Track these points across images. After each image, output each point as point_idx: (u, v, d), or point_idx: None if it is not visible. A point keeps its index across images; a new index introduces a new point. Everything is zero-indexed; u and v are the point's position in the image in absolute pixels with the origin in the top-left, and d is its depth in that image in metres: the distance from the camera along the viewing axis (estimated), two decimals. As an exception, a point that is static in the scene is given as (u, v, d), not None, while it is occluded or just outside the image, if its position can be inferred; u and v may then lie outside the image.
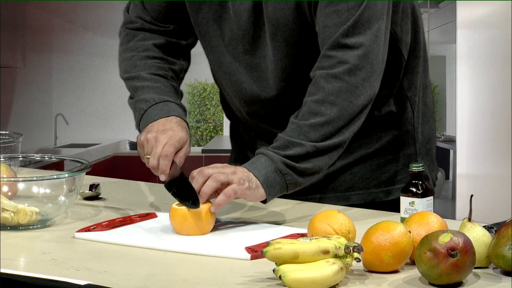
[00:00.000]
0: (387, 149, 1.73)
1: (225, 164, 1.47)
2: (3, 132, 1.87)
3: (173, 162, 1.50)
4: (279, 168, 1.46)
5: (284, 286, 1.10)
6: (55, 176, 1.50)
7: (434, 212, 1.33)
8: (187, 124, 1.64)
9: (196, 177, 1.44)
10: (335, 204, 1.70)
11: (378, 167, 1.73)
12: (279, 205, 1.69)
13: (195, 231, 1.41)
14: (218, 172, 1.43)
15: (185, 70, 1.80)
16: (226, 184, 1.43)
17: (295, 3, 1.57)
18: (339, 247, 1.12)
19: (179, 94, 1.73)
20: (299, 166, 1.47)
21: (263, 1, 1.60)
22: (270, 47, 1.64)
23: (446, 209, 7.19)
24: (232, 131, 1.95)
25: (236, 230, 1.46)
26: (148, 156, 1.52)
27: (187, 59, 1.82)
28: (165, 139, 1.51)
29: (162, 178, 1.49)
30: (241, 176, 1.43)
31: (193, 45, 1.82)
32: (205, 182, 1.43)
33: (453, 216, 5.05)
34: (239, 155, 1.90)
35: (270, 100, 1.70)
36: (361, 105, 1.51)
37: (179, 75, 1.77)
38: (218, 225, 1.47)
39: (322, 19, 1.54)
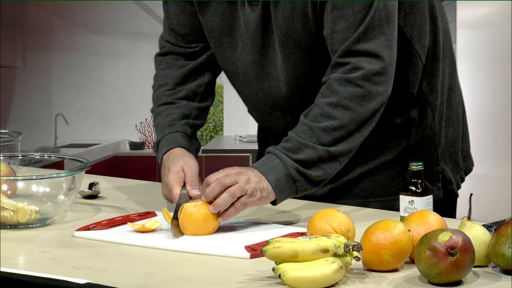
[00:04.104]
0: (408, 155, 1.71)
1: (238, 170, 1.46)
2: (3, 131, 1.87)
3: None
4: (291, 174, 1.47)
5: (284, 284, 1.10)
6: (54, 175, 1.50)
7: (433, 210, 1.33)
8: (181, 146, 1.67)
9: (213, 185, 1.43)
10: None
11: (399, 174, 1.71)
12: (279, 204, 1.69)
13: (201, 231, 1.41)
14: (233, 181, 1.43)
15: (206, 84, 1.82)
16: (241, 196, 1.44)
17: (302, 9, 1.57)
18: (339, 246, 1.12)
19: (188, 110, 1.76)
20: (311, 173, 1.48)
21: (271, 10, 1.60)
22: (280, 55, 1.64)
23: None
24: (258, 132, 1.96)
25: (235, 229, 1.46)
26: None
27: (212, 73, 1.84)
28: (167, 192, 1.59)
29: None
30: (254, 187, 1.44)
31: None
32: (221, 192, 1.43)
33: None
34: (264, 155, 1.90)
35: (285, 108, 1.70)
36: (373, 109, 1.51)
37: (196, 92, 1.80)
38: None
39: (329, 24, 1.54)
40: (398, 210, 1.51)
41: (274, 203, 1.49)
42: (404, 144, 1.72)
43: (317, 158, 1.48)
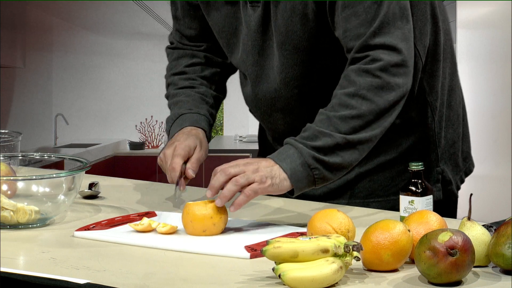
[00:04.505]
0: (407, 156, 1.70)
1: (248, 160, 1.45)
2: (3, 131, 1.87)
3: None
4: (307, 162, 1.45)
5: (284, 285, 1.10)
6: (54, 175, 1.50)
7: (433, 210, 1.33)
8: (204, 129, 1.70)
9: (218, 175, 1.43)
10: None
11: (398, 174, 1.71)
12: (279, 204, 1.70)
13: (198, 231, 1.41)
14: (240, 171, 1.42)
15: (219, 73, 1.86)
16: (247, 184, 1.43)
17: (302, 10, 1.57)
18: (339, 246, 1.12)
19: (208, 97, 1.79)
20: (328, 160, 1.45)
21: (271, 10, 1.61)
22: (277, 56, 1.64)
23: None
24: (259, 132, 1.96)
25: (235, 229, 1.46)
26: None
27: (227, 65, 1.86)
28: (170, 152, 1.59)
29: (180, 189, 1.55)
30: (263, 174, 1.42)
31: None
32: (225, 182, 1.42)
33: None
34: (264, 155, 1.90)
35: (285, 109, 1.70)
36: (392, 101, 1.50)
37: (212, 79, 1.84)
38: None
39: (341, 24, 1.54)
40: (397, 210, 1.52)
41: (292, 193, 1.47)
42: (404, 145, 1.72)
43: (334, 144, 1.46)
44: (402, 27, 1.52)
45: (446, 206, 1.73)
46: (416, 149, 1.72)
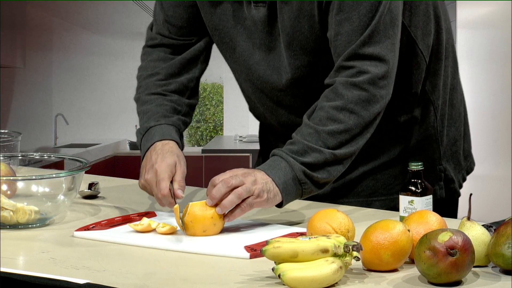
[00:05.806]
0: (410, 154, 1.71)
1: (245, 171, 1.46)
2: (3, 131, 1.87)
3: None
4: (298, 177, 1.47)
5: (283, 284, 1.10)
6: (54, 175, 1.50)
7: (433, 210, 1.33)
8: (174, 140, 1.64)
9: (219, 186, 1.43)
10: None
11: (401, 173, 1.71)
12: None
13: (199, 231, 1.41)
14: (240, 182, 1.43)
15: (197, 78, 1.81)
16: (247, 197, 1.44)
17: (310, 11, 1.57)
18: (338, 246, 1.12)
19: (180, 106, 1.74)
20: (317, 175, 1.48)
21: (278, 11, 1.60)
22: (285, 56, 1.64)
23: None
24: (260, 130, 1.96)
25: (235, 229, 1.46)
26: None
27: (203, 66, 1.83)
28: (153, 178, 1.55)
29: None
30: (260, 188, 1.44)
31: (209, 50, 1.83)
32: (227, 193, 1.43)
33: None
34: (265, 154, 1.90)
35: (290, 107, 1.70)
36: (376, 112, 1.52)
37: (187, 86, 1.78)
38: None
39: (333, 26, 1.54)
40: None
41: (279, 205, 1.49)
42: (407, 143, 1.72)
43: (324, 161, 1.48)
44: (392, 36, 1.53)
45: (448, 205, 1.73)
46: (419, 147, 1.72)
